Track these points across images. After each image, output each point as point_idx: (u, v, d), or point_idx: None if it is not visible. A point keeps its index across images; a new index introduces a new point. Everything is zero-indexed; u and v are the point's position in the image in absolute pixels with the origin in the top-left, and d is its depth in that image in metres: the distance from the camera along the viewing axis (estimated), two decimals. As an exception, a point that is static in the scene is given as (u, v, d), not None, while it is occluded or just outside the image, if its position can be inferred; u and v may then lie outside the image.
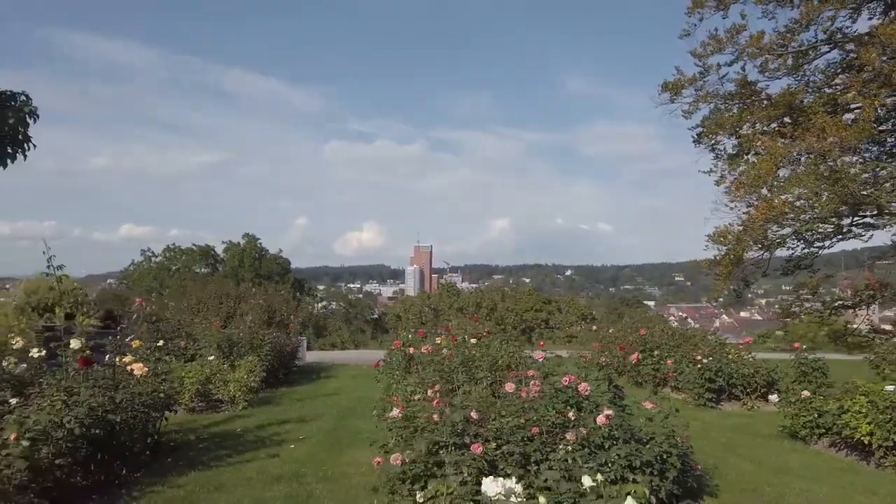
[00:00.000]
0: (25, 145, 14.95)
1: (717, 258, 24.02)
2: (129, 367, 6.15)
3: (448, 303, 44.28)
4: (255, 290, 21.53)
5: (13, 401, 5.14)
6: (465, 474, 4.94)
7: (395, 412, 5.42)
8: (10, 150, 14.70)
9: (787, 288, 26.22)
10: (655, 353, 12.20)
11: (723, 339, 13.60)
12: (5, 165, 15.52)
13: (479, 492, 4.83)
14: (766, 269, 24.29)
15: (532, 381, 5.89)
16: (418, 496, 5.04)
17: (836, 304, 23.10)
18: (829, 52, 21.02)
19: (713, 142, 24.12)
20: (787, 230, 21.35)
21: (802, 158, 21.29)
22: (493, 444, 5.19)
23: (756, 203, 19.21)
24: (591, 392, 5.66)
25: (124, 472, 6.09)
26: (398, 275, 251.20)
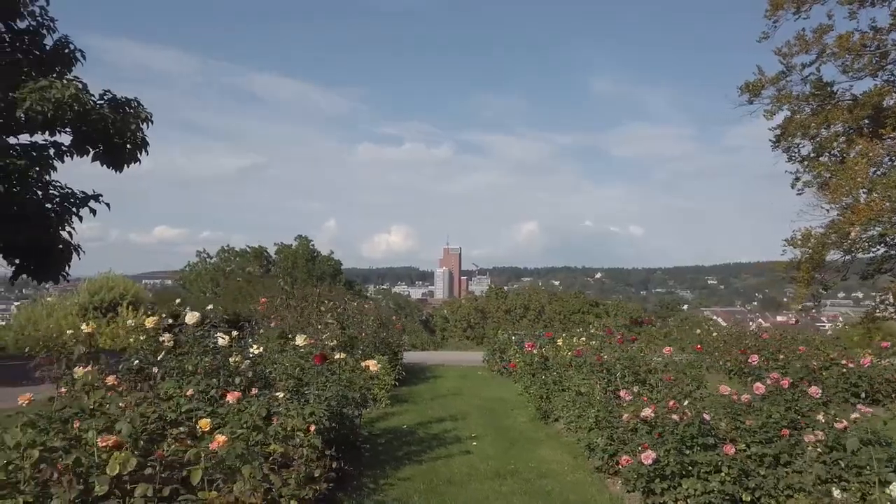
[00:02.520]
0: (144, 149, 15.44)
1: (797, 262, 23.69)
2: (364, 364, 6.35)
3: (496, 305, 44.26)
4: (330, 291, 21.84)
5: (279, 395, 5.35)
6: (724, 474, 5.03)
7: (648, 412, 5.51)
8: (129, 152, 15.20)
9: (823, 292, 25.62)
10: (781, 356, 12.10)
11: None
12: (121, 169, 16.07)
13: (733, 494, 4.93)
14: (846, 274, 23.87)
15: (755, 384, 5.95)
16: (671, 494, 5.14)
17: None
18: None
19: (790, 144, 23.84)
20: (873, 232, 20.95)
21: (885, 161, 20.95)
22: (742, 445, 5.27)
23: (852, 204, 18.93)
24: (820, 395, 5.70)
25: (345, 465, 6.29)
26: (427, 277, 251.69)
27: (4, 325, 30.21)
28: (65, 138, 14.56)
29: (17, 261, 14.81)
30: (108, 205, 14.68)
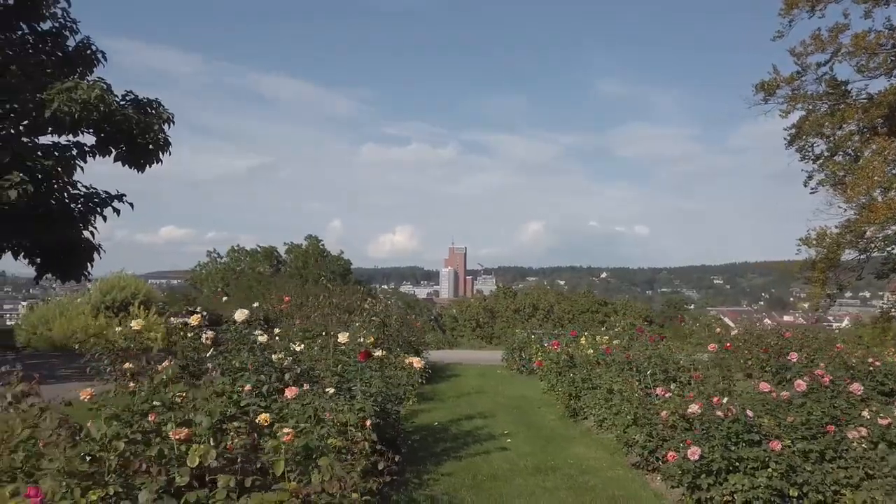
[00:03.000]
0: (166, 149, 15.57)
1: (811, 261, 23.68)
2: (408, 362, 6.44)
3: (504, 304, 44.32)
4: (337, 289, 22.03)
5: (329, 391, 5.44)
6: (771, 469, 5.10)
7: (694, 408, 5.58)
8: (151, 153, 15.32)
9: (831, 291, 25.63)
10: (814, 356, 12.12)
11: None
12: (143, 169, 16.20)
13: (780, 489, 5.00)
14: (861, 273, 23.86)
15: (796, 381, 6.01)
16: (717, 490, 5.20)
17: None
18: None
19: (804, 143, 23.85)
20: (889, 231, 20.94)
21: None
22: (787, 441, 5.33)
23: (869, 203, 18.93)
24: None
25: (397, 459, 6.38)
26: (432, 276, 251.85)
27: (16, 324, 30.34)
28: (87, 139, 14.73)
29: (38, 260, 14.98)
30: (131, 204, 14.82)
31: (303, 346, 6.83)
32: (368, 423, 4.85)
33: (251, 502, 3.29)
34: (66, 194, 13.56)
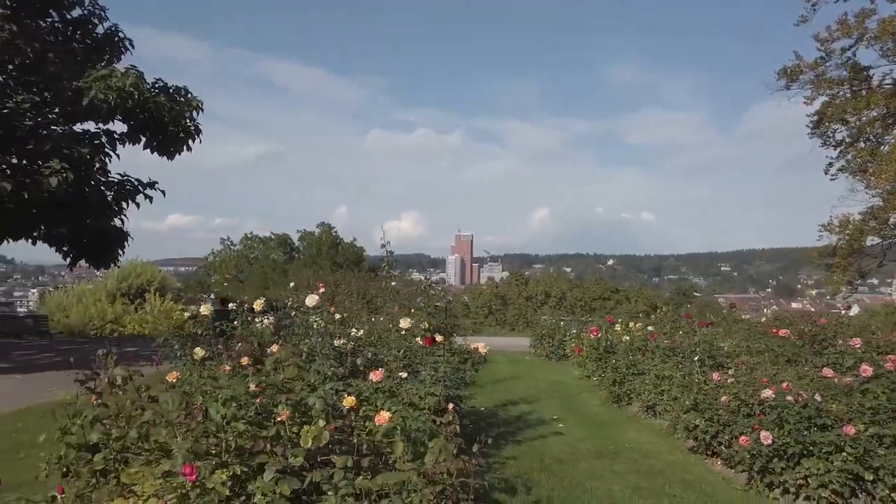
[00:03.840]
0: (196, 137, 15.63)
1: (832, 248, 23.63)
2: (474, 347, 6.51)
3: (517, 291, 44.42)
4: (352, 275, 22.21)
5: (403, 375, 5.51)
6: (846, 454, 5.16)
7: (768, 393, 5.63)
8: (181, 140, 15.37)
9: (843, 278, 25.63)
10: (840, 342, 12.15)
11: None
12: (172, 157, 16.27)
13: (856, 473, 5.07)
14: (883, 259, 23.78)
15: (861, 366, 6.05)
16: (790, 474, 5.27)
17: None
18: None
19: (827, 129, 23.72)
20: (914, 217, 20.86)
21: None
22: (860, 426, 5.38)
23: (894, 190, 18.86)
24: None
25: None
26: (438, 264, 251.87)
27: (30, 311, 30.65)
28: (117, 126, 14.78)
29: (65, 247, 15.05)
30: (163, 192, 14.89)
31: (362, 331, 6.90)
32: (451, 406, 4.93)
33: (376, 482, 3.38)
34: (101, 182, 13.63)
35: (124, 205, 14.45)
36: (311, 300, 6.05)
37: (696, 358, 8.34)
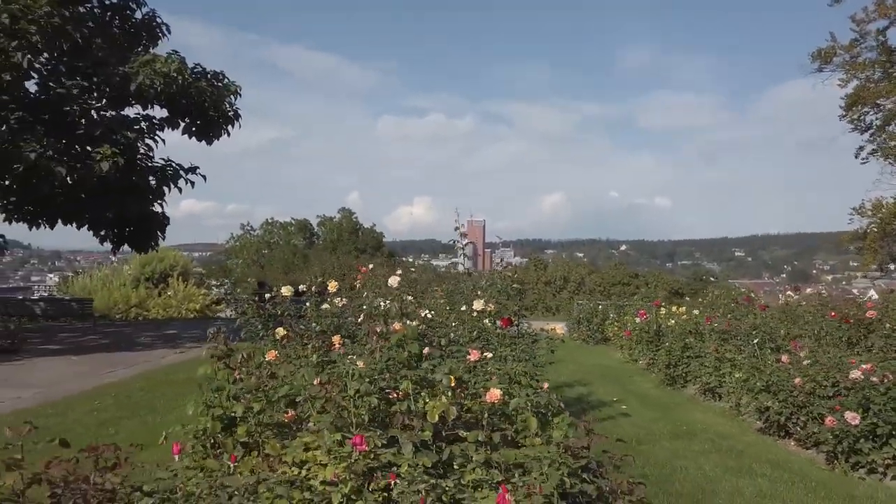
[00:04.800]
0: (236, 122, 15.68)
1: (862, 231, 23.44)
2: (550, 328, 6.58)
3: (535, 276, 44.45)
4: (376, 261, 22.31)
5: (488, 354, 5.60)
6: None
7: (857, 374, 5.66)
8: (220, 124, 15.44)
9: (854, 264, 25.41)
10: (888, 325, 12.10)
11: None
12: (210, 142, 16.34)
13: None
14: (915, 244, 23.55)
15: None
16: (878, 454, 5.32)
17: None
18: None
19: (859, 112, 23.44)
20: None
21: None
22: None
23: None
24: None
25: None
26: (449, 249, 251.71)
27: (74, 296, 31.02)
28: (157, 112, 14.87)
29: (108, 232, 15.24)
30: (204, 177, 15.01)
31: (433, 313, 6.98)
32: (546, 385, 5.00)
33: (513, 456, 3.47)
34: (147, 166, 13.76)
35: (166, 189, 14.61)
36: (393, 281, 6.13)
37: (755, 341, 8.37)
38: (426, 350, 4.83)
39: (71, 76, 12.17)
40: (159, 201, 14.97)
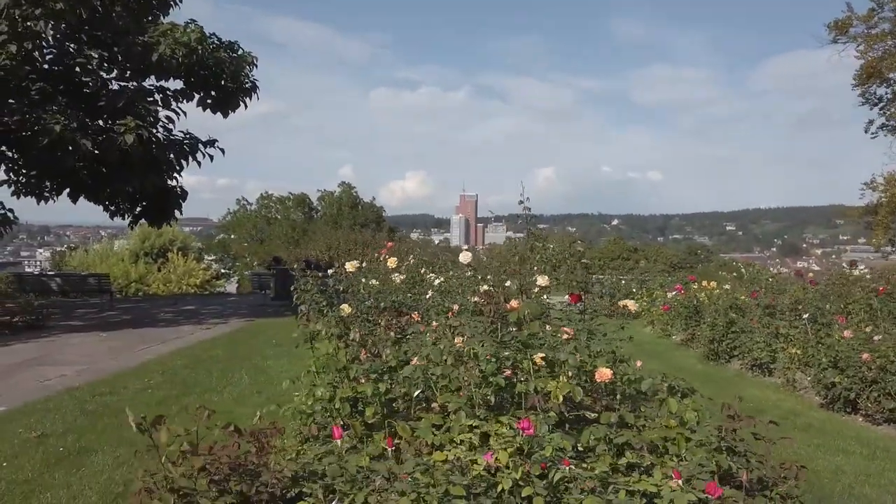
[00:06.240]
0: (254, 93, 15.30)
1: (873, 206, 23.50)
2: (622, 304, 6.48)
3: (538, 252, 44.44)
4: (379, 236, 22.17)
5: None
6: None
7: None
8: (236, 95, 15.04)
9: (845, 237, 25.77)
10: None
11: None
12: (226, 114, 15.96)
13: None
14: (926, 218, 23.66)
15: None
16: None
17: None
18: None
19: (871, 86, 23.35)
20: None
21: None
22: None
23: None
24: None
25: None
26: (442, 224, 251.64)
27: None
28: (172, 83, 14.46)
29: (126, 205, 14.90)
30: (222, 150, 14.69)
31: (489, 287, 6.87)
32: (640, 363, 4.92)
33: (646, 436, 3.40)
34: (168, 138, 13.42)
35: (184, 163, 14.29)
36: (465, 257, 6.01)
37: (805, 315, 8.33)
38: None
39: (92, 46, 11.74)
40: (176, 175, 14.67)
